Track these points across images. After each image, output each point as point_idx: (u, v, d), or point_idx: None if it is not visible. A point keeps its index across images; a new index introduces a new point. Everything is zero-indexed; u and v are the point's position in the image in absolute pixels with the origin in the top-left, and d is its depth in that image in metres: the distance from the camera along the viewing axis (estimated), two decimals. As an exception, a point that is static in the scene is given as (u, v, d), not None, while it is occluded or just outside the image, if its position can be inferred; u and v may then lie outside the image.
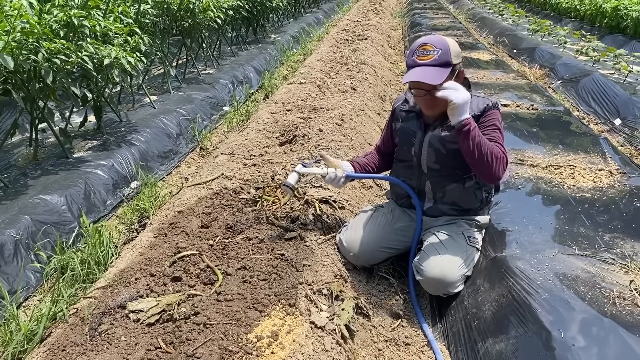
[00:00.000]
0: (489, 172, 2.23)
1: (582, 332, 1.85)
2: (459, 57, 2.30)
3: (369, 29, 9.96)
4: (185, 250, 2.46)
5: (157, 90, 5.96)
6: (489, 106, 2.34)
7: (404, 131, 2.55)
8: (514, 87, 5.71)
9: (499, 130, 2.34)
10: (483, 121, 2.33)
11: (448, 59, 2.24)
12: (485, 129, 2.31)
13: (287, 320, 2.01)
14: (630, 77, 6.04)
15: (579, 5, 11.54)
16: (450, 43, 2.28)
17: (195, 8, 5.83)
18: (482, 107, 2.34)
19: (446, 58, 2.23)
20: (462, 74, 2.35)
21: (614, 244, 2.45)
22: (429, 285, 2.39)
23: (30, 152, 4.01)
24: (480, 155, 2.18)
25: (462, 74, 2.35)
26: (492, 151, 2.19)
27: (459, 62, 2.31)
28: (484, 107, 2.34)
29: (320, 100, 5.11)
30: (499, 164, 2.22)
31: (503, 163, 2.24)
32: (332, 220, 2.82)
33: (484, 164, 2.20)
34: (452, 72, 2.27)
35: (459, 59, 2.31)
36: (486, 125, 2.32)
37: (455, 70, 2.29)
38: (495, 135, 2.30)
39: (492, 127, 2.32)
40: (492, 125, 2.32)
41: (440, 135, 2.39)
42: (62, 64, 3.40)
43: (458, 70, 2.31)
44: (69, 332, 2.01)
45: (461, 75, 2.34)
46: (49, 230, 3.03)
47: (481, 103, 2.36)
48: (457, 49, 2.30)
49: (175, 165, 4.48)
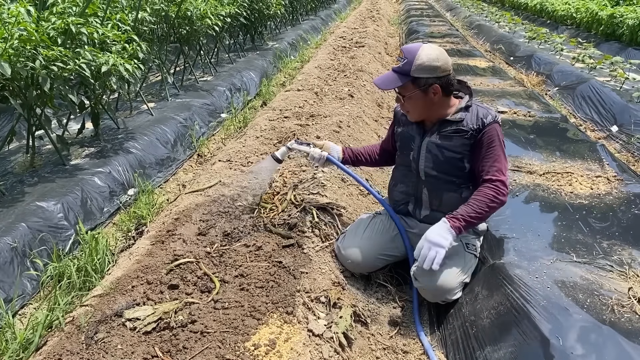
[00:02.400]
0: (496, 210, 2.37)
1: (581, 340, 1.84)
2: (432, 72, 2.26)
3: (367, 36, 9.99)
4: (183, 258, 2.45)
5: (155, 98, 5.96)
6: (488, 121, 2.31)
7: (403, 136, 2.57)
8: (511, 94, 5.73)
9: (499, 146, 2.33)
10: (482, 139, 2.32)
11: (408, 69, 2.27)
12: (484, 149, 2.32)
13: (285, 328, 2.00)
14: (626, 84, 6.06)
15: (575, 13, 11.61)
16: (423, 55, 2.25)
17: (193, 15, 5.84)
18: (481, 122, 2.32)
19: (407, 68, 2.27)
20: (436, 89, 2.29)
21: (611, 250, 2.45)
22: (428, 292, 2.38)
23: (27, 159, 4.00)
24: (483, 216, 2.31)
25: (436, 89, 2.29)
26: (487, 204, 2.27)
27: (431, 76, 2.27)
28: (483, 122, 2.31)
29: (318, 107, 5.11)
30: (497, 200, 2.29)
31: (500, 199, 2.29)
32: (329, 227, 2.82)
33: (491, 213, 2.34)
34: (415, 84, 2.29)
35: (432, 74, 2.26)
36: (486, 145, 2.32)
37: (422, 84, 2.28)
38: (495, 157, 2.31)
39: (492, 145, 2.31)
40: (492, 142, 2.31)
41: (437, 141, 2.40)
42: (59, 71, 3.40)
43: (430, 85, 2.28)
44: (65, 340, 2.00)
45: (435, 90, 2.30)
46: (46, 238, 3.02)
47: (481, 116, 2.33)
48: (432, 64, 2.24)
49: (172, 172, 4.47)
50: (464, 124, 2.34)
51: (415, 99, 2.34)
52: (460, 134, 2.34)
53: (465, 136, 2.33)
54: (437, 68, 2.26)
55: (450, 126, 2.37)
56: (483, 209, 2.26)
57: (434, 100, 2.33)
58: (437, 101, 2.34)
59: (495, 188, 2.27)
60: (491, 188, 2.28)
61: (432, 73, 2.27)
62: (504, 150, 2.35)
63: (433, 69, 2.26)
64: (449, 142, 2.36)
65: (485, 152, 2.32)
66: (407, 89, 2.34)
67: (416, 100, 2.34)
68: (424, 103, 2.35)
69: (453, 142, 2.36)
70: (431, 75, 2.27)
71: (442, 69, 2.28)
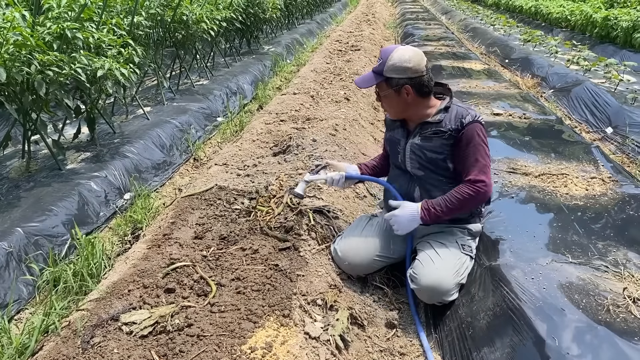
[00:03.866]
0: (471, 211, 2.49)
1: (577, 341, 1.85)
2: (402, 72, 2.33)
3: (362, 40, 10.02)
4: (179, 262, 2.45)
5: (151, 102, 5.96)
6: (468, 121, 2.34)
7: (391, 140, 2.63)
8: (506, 97, 5.75)
9: (479, 145, 2.34)
10: (461, 139, 2.35)
11: (382, 69, 2.37)
12: (464, 148, 2.35)
13: (281, 331, 1.99)
14: (621, 85, 6.09)
15: (569, 16, 11.67)
16: (395, 56, 2.33)
17: (189, 20, 5.85)
18: (459, 122, 2.35)
19: (381, 68, 2.37)
20: (407, 90, 2.36)
21: (607, 251, 2.46)
22: (424, 293, 2.39)
23: (22, 164, 3.99)
24: (455, 212, 2.39)
25: (407, 90, 2.36)
26: (460, 201, 2.34)
27: (402, 77, 2.34)
28: (462, 122, 2.34)
29: (314, 110, 5.12)
30: (474, 203, 2.40)
31: (479, 199, 2.37)
32: (326, 230, 2.82)
33: (465, 211, 2.44)
34: (388, 84, 2.38)
35: (403, 74, 2.33)
36: (465, 144, 2.34)
37: (395, 84, 2.36)
38: (474, 157, 2.33)
39: (471, 144, 2.33)
40: (471, 142, 2.33)
41: (419, 143, 2.45)
42: (55, 75, 3.40)
43: (402, 85, 2.35)
44: (61, 345, 1.99)
45: (407, 91, 2.36)
46: (42, 243, 3.01)
47: (460, 116, 2.36)
48: (403, 65, 2.32)
49: (169, 176, 4.47)
50: (442, 125, 2.38)
51: (389, 98, 2.43)
52: (439, 135, 2.39)
53: (444, 137, 2.37)
54: (407, 69, 2.33)
55: (430, 127, 2.42)
56: (456, 206, 2.35)
57: (408, 100, 2.40)
58: (411, 101, 2.41)
59: (475, 188, 2.32)
60: (470, 188, 2.32)
61: (403, 74, 2.34)
62: (485, 149, 2.36)
63: (404, 70, 2.33)
64: (429, 143, 2.41)
65: (465, 152, 2.35)
66: (382, 89, 2.45)
67: (390, 99, 2.44)
68: (398, 102, 2.43)
69: (433, 143, 2.40)
70: (402, 76, 2.35)
71: (414, 70, 2.34)
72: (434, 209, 2.36)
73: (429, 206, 2.37)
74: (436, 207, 2.36)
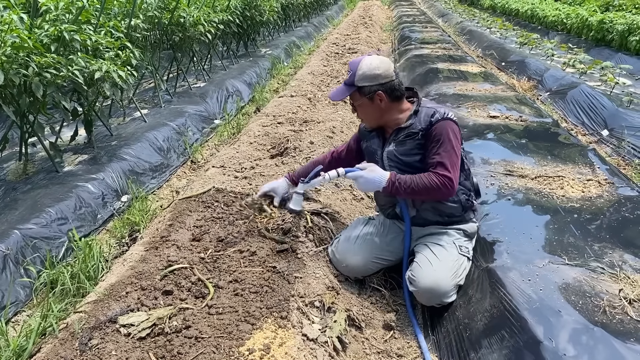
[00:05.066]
0: (434, 199, 2.48)
1: (573, 342, 1.86)
2: (373, 79, 2.40)
3: (359, 43, 10.05)
4: (177, 264, 2.45)
5: (148, 104, 5.96)
6: (436, 119, 2.37)
7: (368, 150, 2.67)
8: (503, 99, 5.77)
9: (447, 142, 2.35)
10: (429, 135, 2.38)
11: (352, 80, 2.45)
12: (432, 144, 2.37)
13: (279, 332, 2.00)
14: (616, 88, 6.12)
15: (565, 19, 11.72)
16: (364, 66, 2.41)
17: (186, 22, 5.86)
18: (428, 121, 2.39)
19: (352, 79, 2.45)
20: (380, 96, 2.42)
21: (603, 253, 2.47)
22: (423, 295, 2.40)
23: (20, 167, 3.99)
24: (416, 195, 2.42)
25: (380, 96, 2.42)
26: (425, 187, 2.34)
27: (374, 84, 2.41)
28: (430, 121, 2.38)
29: (311, 112, 5.13)
30: (437, 195, 2.38)
31: (442, 192, 2.35)
32: (323, 232, 2.83)
33: (425, 197, 2.45)
34: (361, 93, 2.44)
35: (374, 81, 2.41)
36: (432, 140, 2.38)
37: (367, 92, 2.42)
38: (439, 151, 2.35)
39: (438, 141, 2.36)
40: (439, 138, 2.36)
41: (394, 149, 2.49)
42: (52, 78, 3.40)
43: (374, 92, 2.41)
44: (59, 347, 1.99)
45: (380, 97, 2.42)
46: (39, 245, 3.01)
47: (428, 115, 2.40)
48: (372, 72, 2.40)
49: (166, 179, 4.47)
50: (413, 127, 2.43)
51: (364, 106, 2.50)
52: (411, 137, 2.43)
53: (417, 137, 2.41)
54: (377, 76, 2.40)
55: (403, 132, 2.46)
56: (420, 190, 2.35)
57: (382, 106, 2.46)
58: (385, 107, 2.46)
59: (442, 181, 2.32)
60: (439, 179, 2.32)
61: (374, 81, 2.41)
62: (453, 145, 2.37)
63: (374, 77, 2.40)
64: (404, 147, 2.46)
65: (432, 148, 2.38)
66: (355, 99, 2.51)
67: (365, 108, 2.50)
68: (373, 110, 2.48)
69: (407, 147, 2.45)
70: (373, 83, 2.42)
71: (384, 76, 2.41)
72: (399, 184, 2.38)
73: (395, 179, 2.39)
74: (402, 183, 2.38)
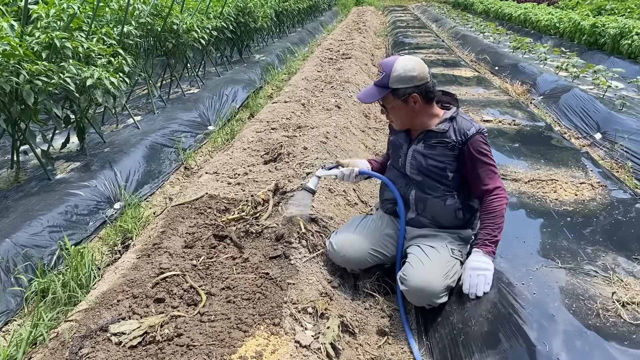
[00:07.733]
0: None
1: (567, 345, 1.85)
2: (409, 81, 2.36)
3: (353, 48, 10.07)
4: (169, 271, 2.44)
5: (142, 111, 5.94)
6: (472, 133, 2.38)
7: (394, 144, 2.67)
8: (496, 103, 5.78)
9: (487, 156, 2.40)
10: (469, 151, 2.38)
11: (386, 82, 2.38)
12: (473, 161, 2.38)
13: (272, 339, 1.98)
14: (609, 92, 6.15)
15: (558, 23, 11.79)
16: (399, 67, 2.36)
17: (179, 29, 5.85)
18: (464, 134, 2.38)
19: (385, 80, 2.39)
20: (415, 98, 2.39)
21: (596, 256, 2.47)
22: (413, 295, 2.38)
23: (11, 175, 3.97)
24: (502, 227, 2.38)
25: (415, 98, 2.39)
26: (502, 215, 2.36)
27: (409, 86, 2.36)
28: (466, 135, 2.38)
29: (305, 118, 5.13)
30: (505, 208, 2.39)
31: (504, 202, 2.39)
32: (316, 238, 2.81)
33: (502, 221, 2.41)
34: (395, 95, 2.39)
35: (410, 83, 2.36)
36: (474, 158, 2.38)
37: (402, 94, 2.38)
38: (487, 167, 2.38)
39: (481, 156, 2.38)
40: (479, 153, 2.38)
41: (422, 150, 2.48)
42: (44, 85, 3.38)
43: (409, 95, 2.37)
44: (49, 357, 1.97)
45: (415, 99, 2.39)
46: (30, 253, 2.98)
47: (465, 128, 2.39)
48: (408, 74, 2.35)
49: (159, 185, 4.45)
50: (447, 135, 2.41)
51: (397, 109, 2.44)
52: (443, 145, 2.42)
53: (448, 147, 2.41)
54: (413, 78, 2.36)
55: (435, 137, 2.45)
56: (499, 221, 2.36)
57: (415, 108, 2.42)
58: (418, 109, 2.43)
59: (498, 196, 2.36)
60: (495, 198, 2.36)
61: (410, 83, 2.36)
62: (491, 158, 2.42)
63: (410, 79, 2.36)
64: (433, 152, 2.44)
65: (475, 165, 2.39)
66: (388, 101, 2.44)
67: (398, 110, 2.45)
68: (406, 112, 2.45)
69: (437, 152, 2.43)
70: (409, 85, 2.37)
71: (419, 78, 2.37)
72: (489, 240, 2.34)
73: (484, 242, 2.34)
74: (487, 237, 2.34)
